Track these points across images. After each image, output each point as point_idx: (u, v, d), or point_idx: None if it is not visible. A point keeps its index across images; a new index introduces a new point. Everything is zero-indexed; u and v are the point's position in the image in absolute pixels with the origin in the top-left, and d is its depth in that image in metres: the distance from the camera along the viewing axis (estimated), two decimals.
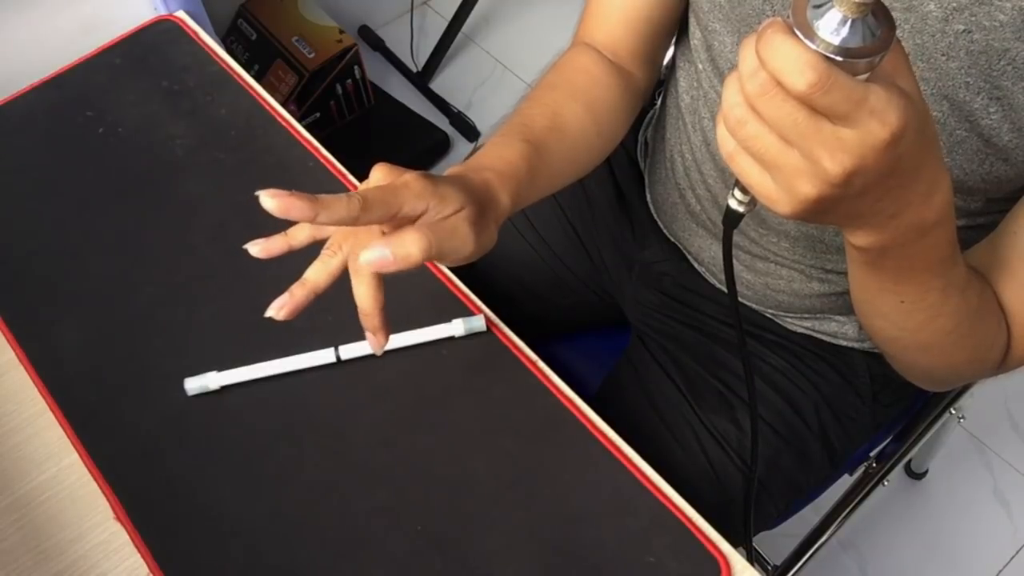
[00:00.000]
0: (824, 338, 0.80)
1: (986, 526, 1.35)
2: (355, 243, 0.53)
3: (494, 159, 0.58)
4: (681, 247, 0.85)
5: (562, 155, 0.65)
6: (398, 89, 1.88)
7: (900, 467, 1.16)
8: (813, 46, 0.36)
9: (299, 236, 0.54)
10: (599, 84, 0.70)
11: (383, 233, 0.52)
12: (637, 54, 0.74)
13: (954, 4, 0.51)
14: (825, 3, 0.36)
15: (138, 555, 0.60)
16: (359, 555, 0.59)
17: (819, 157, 0.38)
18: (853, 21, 0.36)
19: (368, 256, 0.47)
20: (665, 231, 0.86)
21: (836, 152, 0.38)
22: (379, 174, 0.52)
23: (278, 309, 0.52)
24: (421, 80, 1.88)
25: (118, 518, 0.61)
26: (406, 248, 0.48)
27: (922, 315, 0.54)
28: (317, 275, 0.52)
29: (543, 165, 0.61)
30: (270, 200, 0.45)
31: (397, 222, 0.50)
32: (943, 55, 0.52)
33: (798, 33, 0.37)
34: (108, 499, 0.62)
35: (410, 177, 0.51)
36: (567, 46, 0.75)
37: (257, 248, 0.52)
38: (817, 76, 0.36)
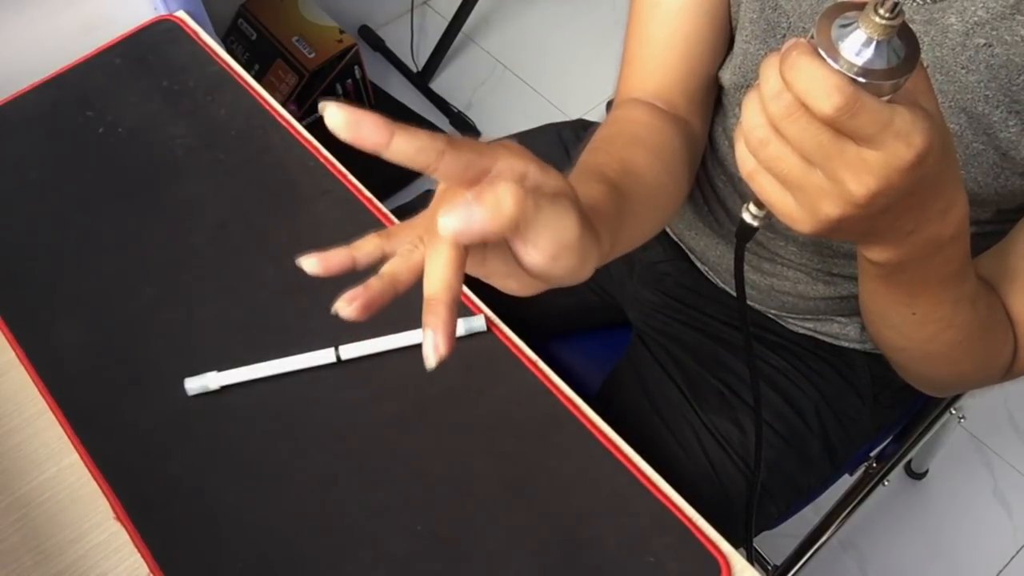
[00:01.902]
0: (825, 339, 0.80)
1: (986, 526, 1.35)
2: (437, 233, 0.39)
3: (580, 196, 0.46)
4: (685, 247, 0.85)
5: (642, 200, 0.57)
6: (398, 89, 1.88)
7: (900, 467, 1.16)
8: (837, 67, 0.36)
9: (365, 247, 0.42)
10: (660, 132, 0.65)
11: None
12: (694, 99, 0.70)
13: (975, 18, 0.51)
14: (850, 23, 0.36)
15: (138, 555, 0.60)
16: (359, 555, 0.59)
17: (843, 179, 0.38)
18: (878, 42, 0.35)
19: (452, 215, 0.36)
20: (669, 230, 0.86)
21: (861, 174, 0.38)
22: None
23: (349, 302, 0.38)
24: (421, 80, 1.88)
25: (118, 518, 0.61)
26: (496, 195, 0.37)
27: (933, 327, 0.54)
28: (397, 267, 0.40)
29: (628, 209, 0.53)
30: (337, 114, 0.35)
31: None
32: (963, 68, 0.52)
33: (823, 54, 0.36)
34: (108, 499, 0.62)
35: (505, 139, 0.41)
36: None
37: (313, 263, 0.40)
38: (844, 99, 0.36)
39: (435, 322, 0.37)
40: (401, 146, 0.36)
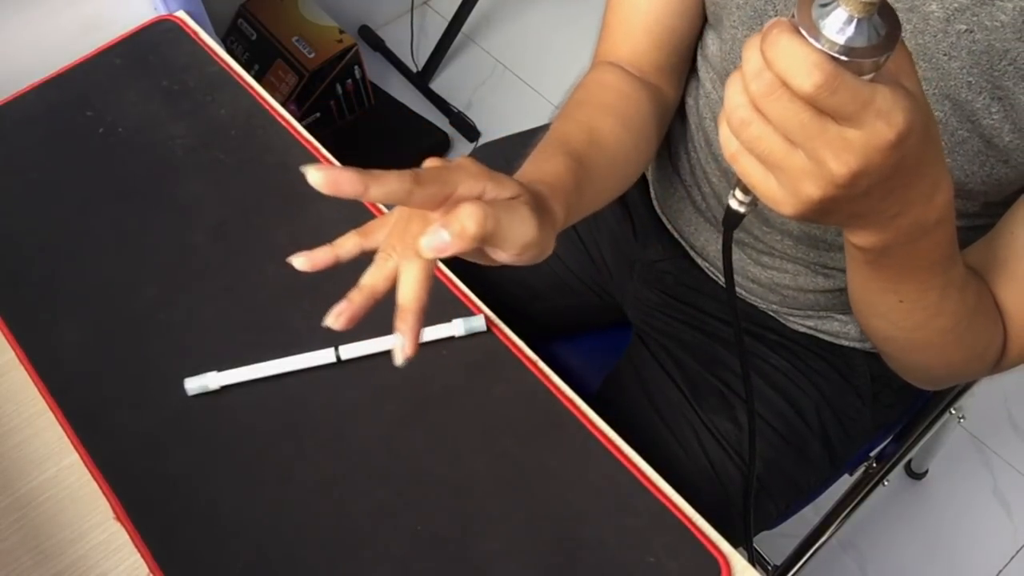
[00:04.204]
0: (825, 338, 0.80)
1: (986, 526, 1.35)
2: (408, 244, 0.48)
3: (538, 172, 0.54)
4: (685, 243, 0.85)
5: (604, 169, 0.62)
6: (398, 89, 1.88)
7: (900, 467, 1.16)
8: (818, 45, 0.36)
9: (346, 246, 0.50)
10: (629, 99, 0.68)
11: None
12: (663, 68, 0.72)
13: (956, 4, 0.51)
14: (831, 2, 0.36)
15: (138, 555, 0.60)
16: (359, 555, 0.59)
17: (824, 158, 0.38)
18: (859, 20, 0.36)
19: (426, 240, 0.43)
20: (669, 227, 0.86)
21: (841, 153, 0.38)
22: (430, 164, 0.49)
23: (336, 316, 0.46)
24: (421, 80, 1.88)
25: (118, 518, 0.61)
26: (460, 221, 0.43)
27: (921, 314, 0.54)
28: (374, 278, 0.48)
29: (587, 179, 0.58)
30: (317, 174, 0.40)
31: (451, 206, 0.46)
32: (945, 55, 0.52)
33: (803, 32, 0.36)
34: (108, 499, 0.62)
35: (464, 159, 0.47)
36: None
37: (301, 261, 0.48)
38: (824, 77, 0.36)
39: (404, 328, 0.45)
40: (375, 192, 0.42)
